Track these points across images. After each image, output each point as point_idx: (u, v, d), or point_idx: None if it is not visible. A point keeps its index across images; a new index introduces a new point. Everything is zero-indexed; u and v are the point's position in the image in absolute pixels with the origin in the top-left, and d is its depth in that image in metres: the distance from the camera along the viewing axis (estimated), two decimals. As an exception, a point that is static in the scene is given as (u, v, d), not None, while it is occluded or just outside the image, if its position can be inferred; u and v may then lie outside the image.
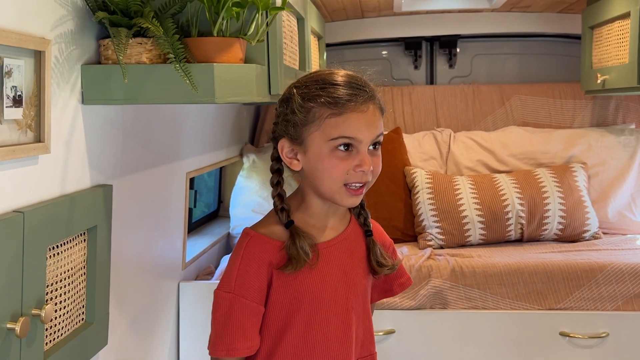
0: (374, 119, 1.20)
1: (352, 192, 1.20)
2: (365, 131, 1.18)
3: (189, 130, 2.27)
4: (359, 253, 1.31)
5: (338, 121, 1.17)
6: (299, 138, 1.21)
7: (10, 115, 1.16)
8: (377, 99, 1.23)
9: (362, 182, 1.19)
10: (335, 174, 1.18)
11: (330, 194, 1.21)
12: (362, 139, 1.18)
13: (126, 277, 1.80)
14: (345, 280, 1.27)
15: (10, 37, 1.13)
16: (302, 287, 1.24)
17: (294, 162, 1.24)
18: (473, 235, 2.56)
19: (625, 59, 2.35)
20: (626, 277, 2.17)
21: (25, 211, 1.20)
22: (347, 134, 1.17)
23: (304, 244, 1.21)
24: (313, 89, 1.21)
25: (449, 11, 3.18)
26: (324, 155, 1.19)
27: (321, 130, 1.19)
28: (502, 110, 3.14)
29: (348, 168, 1.18)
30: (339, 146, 1.18)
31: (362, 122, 1.18)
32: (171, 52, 1.36)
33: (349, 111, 1.17)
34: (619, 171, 2.79)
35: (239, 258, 1.22)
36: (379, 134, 1.21)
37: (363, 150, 1.18)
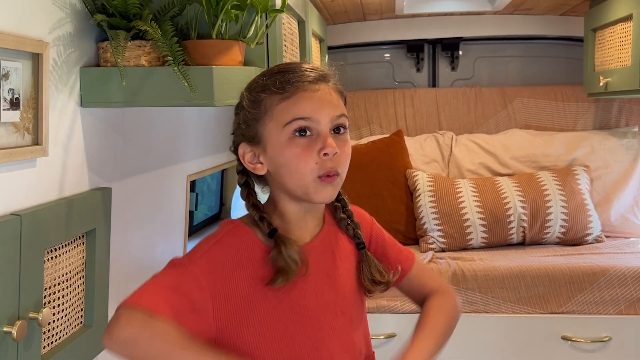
0: (329, 97, 1.11)
1: (326, 181, 1.09)
2: (320, 109, 1.09)
3: (190, 133, 2.27)
4: (343, 252, 1.20)
5: (289, 104, 1.09)
6: (255, 136, 1.12)
7: (8, 118, 1.15)
8: (332, 80, 1.14)
9: (332, 171, 1.09)
10: (302, 167, 1.08)
11: (303, 190, 1.11)
12: (319, 119, 1.09)
13: (125, 280, 1.80)
14: (329, 283, 1.16)
15: (8, 40, 1.13)
16: (285, 298, 1.11)
17: (257, 167, 1.14)
18: (475, 238, 2.55)
19: (628, 61, 2.34)
20: (629, 281, 2.16)
21: (23, 214, 1.19)
22: (300, 114, 1.08)
23: (291, 252, 1.10)
24: (260, 81, 1.13)
25: (451, 14, 3.18)
26: (283, 145, 1.09)
27: (275, 119, 1.10)
28: (504, 113, 3.13)
29: (313, 155, 1.08)
30: (295, 132, 1.08)
31: (315, 101, 1.09)
32: (170, 55, 1.35)
33: (299, 92, 1.09)
34: (622, 174, 2.78)
35: (214, 241, 1.11)
36: (338, 114, 1.11)
37: (323, 131, 1.09)
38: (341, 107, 1.13)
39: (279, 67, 1.14)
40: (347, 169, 1.14)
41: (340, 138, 1.11)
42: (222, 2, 1.39)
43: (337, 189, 1.13)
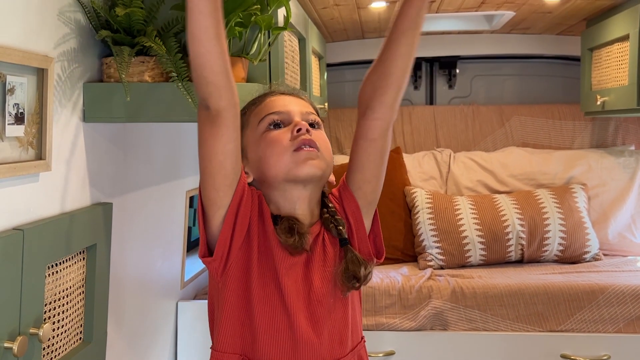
0: (299, 100, 1.19)
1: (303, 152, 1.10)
2: (290, 105, 1.16)
3: (189, 148, 2.27)
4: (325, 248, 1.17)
5: (261, 107, 1.17)
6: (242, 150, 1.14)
7: (12, 132, 1.15)
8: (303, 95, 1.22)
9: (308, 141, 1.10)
10: (277, 146, 1.11)
11: (284, 169, 1.11)
12: (289, 111, 1.15)
13: (124, 295, 1.79)
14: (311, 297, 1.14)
15: (14, 55, 1.13)
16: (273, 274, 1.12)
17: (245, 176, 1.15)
18: (473, 255, 2.55)
19: (625, 80, 2.36)
20: (627, 299, 2.16)
21: (25, 229, 1.19)
22: (272, 109, 1.15)
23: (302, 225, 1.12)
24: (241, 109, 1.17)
25: (449, 32, 3.20)
26: (258, 139, 1.14)
27: (250, 126, 1.17)
28: (501, 130, 3.15)
29: (287, 135, 1.12)
30: (269, 126, 1.14)
31: (284, 100, 1.17)
32: (174, 71, 1.36)
33: (269, 97, 1.18)
34: (619, 192, 2.79)
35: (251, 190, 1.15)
36: (309, 111, 1.17)
37: (296, 119, 1.14)
38: (312, 109, 1.19)
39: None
40: (329, 154, 1.15)
41: (314, 131, 1.14)
42: (227, 19, 1.40)
43: (320, 164, 1.12)
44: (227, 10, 1.39)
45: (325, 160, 1.14)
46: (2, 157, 1.13)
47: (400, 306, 2.21)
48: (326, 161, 1.14)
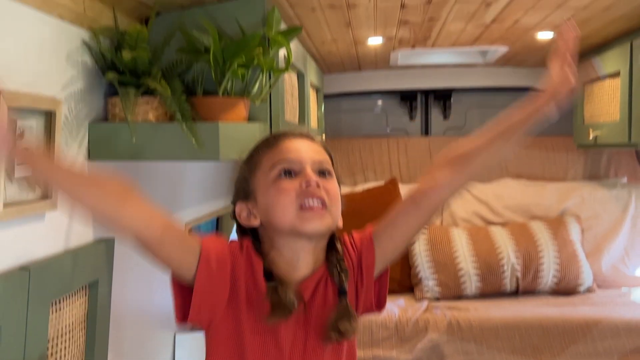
0: (312, 144, 1.17)
1: (309, 210, 1.09)
2: (303, 153, 1.14)
3: (188, 181, 2.30)
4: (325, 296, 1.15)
5: (274, 152, 1.15)
6: (249, 191, 1.17)
7: (21, 173, 1.18)
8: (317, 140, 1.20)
9: (316, 197, 1.10)
10: (284, 197, 1.10)
11: (289, 223, 1.11)
12: (301, 160, 1.13)
13: (124, 328, 1.80)
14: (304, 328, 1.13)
15: (24, 99, 1.16)
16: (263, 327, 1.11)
17: (252, 220, 1.16)
18: (469, 287, 2.58)
19: (616, 116, 2.41)
20: (621, 333, 2.18)
21: (32, 268, 1.21)
22: (284, 158, 1.13)
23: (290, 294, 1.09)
24: (254, 147, 1.20)
25: (444, 65, 3.26)
26: (269, 185, 1.13)
27: (262, 169, 1.15)
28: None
29: (295, 187, 1.10)
30: (280, 174, 1.12)
31: (298, 146, 1.15)
32: (178, 112, 1.39)
33: (283, 141, 1.16)
34: (612, 225, 2.83)
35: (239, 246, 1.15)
36: (321, 159, 1.15)
37: (308, 170, 1.12)
38: (325, 156, 1.17)
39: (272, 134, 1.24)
40: (337, 208, 1.13)
41: (325, 181, 1.13)
42: (229, 61, 1.44)
43: (325, 220, 1.11)
44: (231, 53, 1.43)
45: (332, 216, 1.12)
46: (11, 198, 1.16)
47: (397, 339, 2.23)
48: (333, 216, 1.13)
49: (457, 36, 2.49)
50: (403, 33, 2.40)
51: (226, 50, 1.43)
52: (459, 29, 2.33)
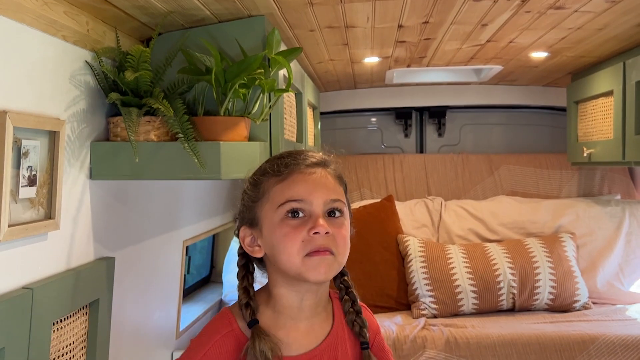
0: (324, 181, 1.11)
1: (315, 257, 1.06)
2: (314, 192, 1.09)
3: (186, 199, 2.31)
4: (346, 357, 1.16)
5: (284, 187, 1.10)
6: (254, 219, 1.13)
7: (25, 194, 1.19)
8: (331, 166, 1.14)
9: (322, 247, 1.07)
10: (290, 245, 1.07)
11: (294, 270, 1.08)
12: (312, 201, 1.08)
13: (123, 347, 1.80)
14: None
15: (29, 120, 1.18)
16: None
17: (255, 250, 1.14)
18: (466, 304, 2.58)
19: (610, 134, 2.44)
20: (618, 350, 2.19)
21: (34, 287, 1.22)
22: (294, 196, 1.09)
23: (264, 347, 1.06)
24: (262, 166, 1.16)
25: (438, 84, 3.30)
26: (275, 225, 1.09)
27: (270, 201, 1.10)
28: (491, 179, 3.22)
29: (302, 234, 1.07)
30: (288, 213, 1.08)
31: (309, 184, 1.10)
32: (180, 132, 1.41)
33: (294, 174, 1.10)
34: (606, 241, 2.85)
35: (209, 345, 1.11)
36: (333, 198, 1.10)
37: (316, 212, 1.08)
38: (337, 192, 1.12)
39: (281, 154, 1.17)
40: (345, 253, 1.11)
41: (335, 222, 1.10)
42: (231, 82, 1.46)
43: (331, 268, 1.09)
44: (233, 74, 1.45)
45: (339, 262, 1.10)
46: (15, 218, 1.16)
47: (395, 356, 2.23)
48: (340, 262, 1.11)
49: (452, 55, 2.52)
50: (399, 53, 2.43)
51: (228, 71, 1.45)
52: (454, 48, 2.36)
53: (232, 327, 1.11)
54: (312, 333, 1.14)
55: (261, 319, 1.11)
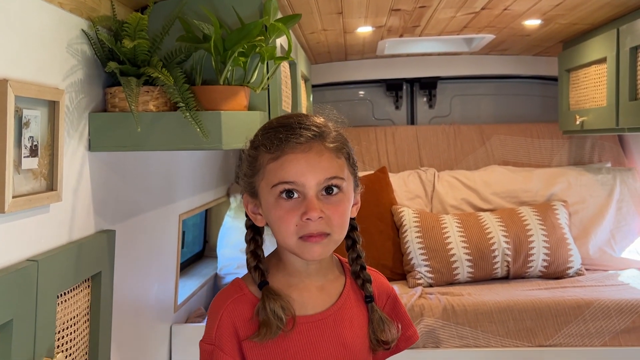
0: (318, 159, 1.07)
1: (309, 240, 1.07)
2: (307, 173, 1.06)
3: (181, 172, 2.29)
4: (360, 318, 1.17)
5: (276, 166, 1.08)
6: (253, 191, 1.13)
7: (27, 165, 1.17)
8: (328, 138, 1.10)
9: (316, 232, 1.07)
10: (284, 228, 1.07)
11: (290, 249, 1.10)
12: (304, 183, 1.06)
13: (124, 321, 1.79)
14: (344, 354, 1.13)
15: (31, 89, 1.15)
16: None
17: (257, 218, 1.15)
18: (461, 273, 2.60)
19: (603, 101, 2.45)
20: (612, 313, 2.23)
21: (39, 259, 1.20)
22: (286, 178, 1.07)
23: (275, 306, 1.08)
24: (258, 136, 1.13)
25: (429, 54, 3.28)
26: (270, 205, 1.09)
27: (265, 179, 1.10)
28: (482, 149, 3.23)
29: (295, 219, 1.06)
30: (281, 194, 1.07)
31: (302, 164, 1.07)
32: (181, 101, 1.39)
33: (286, 153, 1.07)
34: (598, 209, 2.88)
35: (222, 310, 1.12)
36: (328, 176, 1.07)
37: (310, 195, 1.06)
38: (334, 168, 1.09)
39: (277, 121, 1.14)
40: (342, 230, 1.10)
41: (332, 200, 1.08)
42: (231, 50, 1.44)
43: (327, 247, 1.10)
44: (232, 42, 1.43)
45: (335, 240, 1.10)
46: (18, 190, 1.14)
47: (393, 325, 2.25)
48: (336, 240, 1.11)
49: (445, 24, 2.50)
50: (393, 22, 2.41)
51: (228, 39, 1.43)
52: (448, 16, 2.34)
53: (244, 291, 1.13)
54: (325, 292, 1.16)
55: (273, 282, 1.12)
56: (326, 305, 1.14)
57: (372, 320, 1.16)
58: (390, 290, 1.24)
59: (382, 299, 1.22)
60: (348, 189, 1.11)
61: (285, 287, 1.13)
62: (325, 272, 1.16)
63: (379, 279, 1.23)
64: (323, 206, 1.07)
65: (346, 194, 1.10)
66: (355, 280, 1.18)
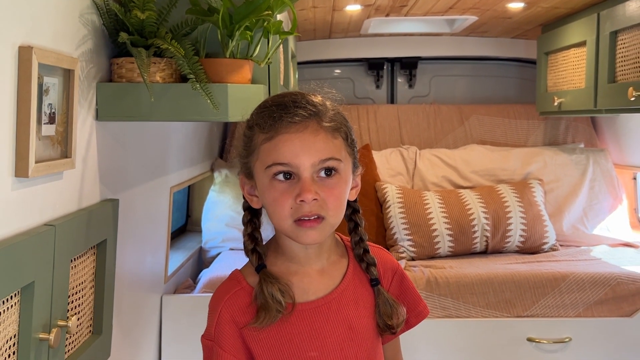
0: (313, 139, 1.04)
1: (304, 225, 1.05)
2: (301, 155, 1.04)
3: (175, 145, 2.32)
4: (366, 299, 1.15)
5: (270, 147, 1.05)
6: (249, 171, 1.11)
7: (46, 132, 1.20)
8: (325, 117, 1.07)
9: (311, 214, 1.04)
10: (279, 210, 1.05)
11: (286, 232, 1.08)
12: (299, 164, 1.04)
13: (121, 290, 1.83)
14: (351, 336, 1.12)
15: (50, 57, 1.17)
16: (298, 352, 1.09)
17: (254, 200, 1.13)
18: (442, 247, 2.69)
19: (581, 84, 2.54)
20: (586, 286, 2.34)
21: (57, 225, 1.23)
22: (280, 159, 1.04)
23: (273, 289, 1.06)
24: (254, 115, 1.11)
25: (411, 34, 3.34)
26: (265, 187, 1.07)
27: (260, 160, 1.08)
28: (461, 129, 3.31)
29: (289, 201, 1.04)
30: (275, 175, 1.05)
31: (296, 145, 1.04)
32: (192, 73, 1.42)
33: (280, 133, 1.05)
34: (571, 187, 3.00)
35: (221, 305, 1.11)
36: (324, 157, 1.04)
37: (304, 176, 1.04)
38: (330, 148, 1.06)
39: (272, 100, 1.11)
40: (338, 213, 1.08)
41: (327, 182, 1.06)
42: (238, 24, 1.47)
43: (323, 231, 1.07)
44: (241, 15, 1.46)
45: (331, 224, 1.08)
46: (39, 155, 1.17)
47: (379, 296, 2.32)
48: (332, 223, 1.08)
49: (432, 4, 2.56)
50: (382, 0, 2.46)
51: (236, 12, 1.46)
52: (436, -4, 2.40)
53: (242, 284, 1.12)
54: (327, 275, 1.14)
55: (273, 267, 1.12)
56: (329, 289, 1.13)
57: (379, 304, 1.14)
58: (395, 266, 1.22)
59: (388, 277, 1.20)
60: (345, 171, 1.09)
61: (285, 274, 1.11)
62: (326, 254, 1.14)
63: (384, 256, 1.21)
64: (318, 188, 1.04)
65: (343, 176, 1.08)
66: (360, 264, 1.16)
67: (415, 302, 1.22)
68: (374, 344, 1.15)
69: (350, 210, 1.18)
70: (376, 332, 1.16)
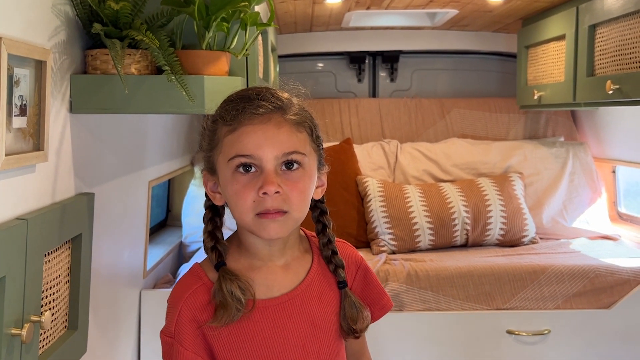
0: (277, 132, 1.04)
1: (266, 217, 1.03)
2: (264, 146, 1.02)
3: (153, 138, 2.29)
4: (330, 297, 1.14)
5: (233, 139, 1.04)
6: (211, 166, 1.10)
7: (17, 124, 1.17)
8: (289, 111, 1.06)
9: (272, 209, 1.03)
10: (241, 203, 1.04)
11: (247, 227, 1.06)
12: (261, 156, 1.03)
13: (98, 285, 1.81)
14: (314, 333, 1.11)
15: (21, 48, 1.15)
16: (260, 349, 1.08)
17: (216, 197, 1.11)
18: (423, 240, 2.70)
19: (561, 77, 2.55)
20: (565, 278, 2.36)
21: (29, 218, 1.21)
22: (242, 151, 1.03)
23: (232, 287, 1.04)
24: (218, 109, 1.10)
25: (392, 28, 3.34)
26: (227, 180, 1.05)
27: (222, 153, 1.06)
28: (442, 122, 3.32)
29: (252, 194, 1.03)
30: (238, 167, 1.04)
31: (259, 136, 1.03)
32: (166, 65, 1.40)
33: (244, 125, 1.04)
34: (551, 181, 3.01)
35: (181, 303, 1.09)
36: (287, 151, 1.04)
37: (267, 169, 1.03)
38: (294, 142, 1.05)
39: (237, 94, 1.10)
40: (301, 208, 1.06)
41: (291, 175, 1.04)
42: (214, 15, 1.45)
43: (285, 225, 1.05)
44: (217, 6, 1.44)
45: (294, 218, 1.07)
46: (9, 148, 1.15)
47: (360, 289, 2.32)
48: (295, 218, 1.07)
49: (413, -2, 2.56)
50: (362, -7, 2.45)
51: (212, 4, 1.44)
52: (416, -10, 2.39)
53: (202, 280, 1.10)
54: (291, 271, 1.13)
55: (235, 264, 1.10)
56: (293, 284, 1.11)
57: (344, 307, 1.12)
58: (359, 260, 1.21)
59: (352, 271, 1.19)
60: (310, 166, 1.07)
61: (248, 270, 1.10)
62: (290, 250, 1.13)
63: (347, 250, 1.20)
64: (282, 181, 1.03)
65: (307, 171, 1.07)
66: (328, 265, 1.15)
67: (379, 296, 1.21)
68: (336, 342, 1.14)
69: (318, 211, 1.18)
70: (339, 332, 1.14)
